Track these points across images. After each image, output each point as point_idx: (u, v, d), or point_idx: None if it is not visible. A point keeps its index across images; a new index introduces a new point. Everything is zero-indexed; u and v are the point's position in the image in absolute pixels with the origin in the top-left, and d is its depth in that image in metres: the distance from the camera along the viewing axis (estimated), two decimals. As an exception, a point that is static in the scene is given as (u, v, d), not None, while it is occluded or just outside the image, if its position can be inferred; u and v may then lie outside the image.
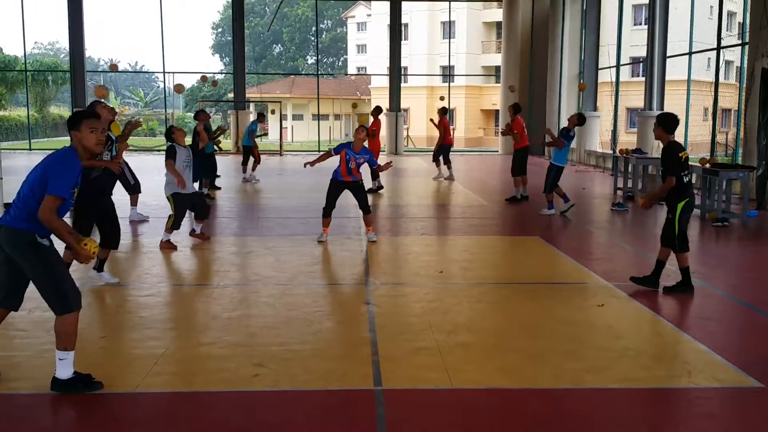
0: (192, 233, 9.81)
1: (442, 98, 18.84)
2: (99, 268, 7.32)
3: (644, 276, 7.38)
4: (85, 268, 7.33)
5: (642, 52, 20.82)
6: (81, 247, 4.50)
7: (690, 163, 7.38)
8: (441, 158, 18.14)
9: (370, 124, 16.35)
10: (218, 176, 16.00)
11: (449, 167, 18.28)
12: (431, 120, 18.76)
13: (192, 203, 9.46)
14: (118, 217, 7.37)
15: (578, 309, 6.77)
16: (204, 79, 32.37)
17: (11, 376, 4.80)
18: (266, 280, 7.63)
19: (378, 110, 16.93)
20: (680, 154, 7.04)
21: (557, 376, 4.93)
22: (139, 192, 11.49)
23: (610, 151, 22.72)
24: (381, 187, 15.72)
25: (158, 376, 4.85)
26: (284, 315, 6.37)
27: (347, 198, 9.98)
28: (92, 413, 4.38)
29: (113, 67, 37.70)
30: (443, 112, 18.32)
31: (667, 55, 19.09)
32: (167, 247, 9.20)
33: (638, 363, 5.20)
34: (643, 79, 20.34)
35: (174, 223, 9.25)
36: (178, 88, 27.96)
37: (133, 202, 11.42)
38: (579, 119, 12.50)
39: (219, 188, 15.72)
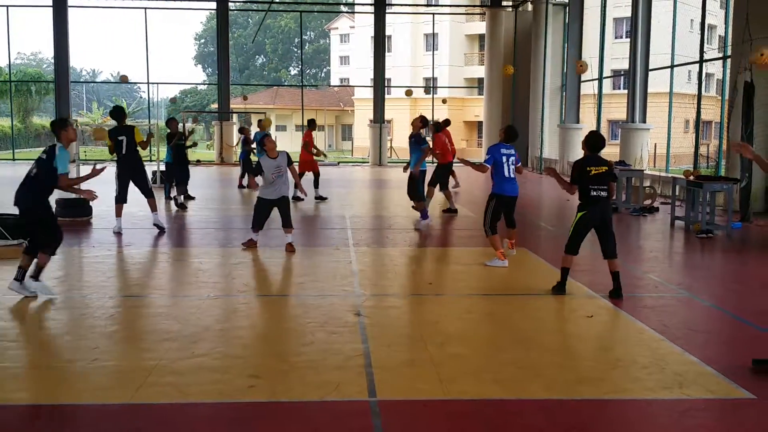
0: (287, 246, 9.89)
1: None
2: (36, 275, 7.05)
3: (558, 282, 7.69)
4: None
5: (623, 65, 21.02)
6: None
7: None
8: None
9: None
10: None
11: None
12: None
13: (278, 209, 9.83)
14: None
15: (567, 320, 6.85)
16: (173, 100, 32.99)
17: (7, 388, 4.76)
18: (256, 292, 7.61)
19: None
20: (588, 168, 7.43)
21: (550, 387, 4.96)
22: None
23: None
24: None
25: (152, 387, 4.82)
26: (276, 326, 6.37)
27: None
28: (87, 425, 4.36)
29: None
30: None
31: (650, 68, 19.25)
32: (248, 245, 9.95)
33: (629, 374, 5.25)
34: (625, 91, 20.51)
35: (252, 223, 9.96)
36: None
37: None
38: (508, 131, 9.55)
39: (193, 198, 15.77)
